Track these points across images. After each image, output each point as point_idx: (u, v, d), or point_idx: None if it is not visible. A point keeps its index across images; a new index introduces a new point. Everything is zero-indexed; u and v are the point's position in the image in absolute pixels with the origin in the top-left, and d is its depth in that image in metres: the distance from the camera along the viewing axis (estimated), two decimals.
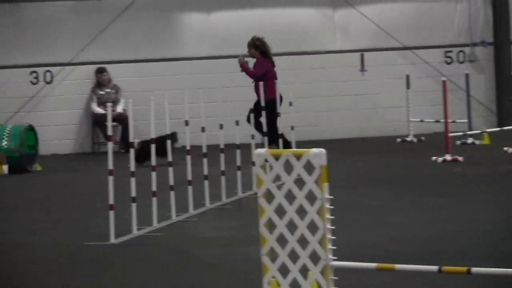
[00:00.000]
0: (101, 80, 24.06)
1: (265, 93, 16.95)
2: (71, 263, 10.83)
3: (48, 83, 23.90)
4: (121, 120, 22.51)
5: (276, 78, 18.12)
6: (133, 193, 11.82)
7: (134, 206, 11.76)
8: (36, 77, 23.92)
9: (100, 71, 24.15)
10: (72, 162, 22.79)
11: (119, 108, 23.43)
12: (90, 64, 24.42)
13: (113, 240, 11.55)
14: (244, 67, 18.67)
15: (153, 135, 12.52)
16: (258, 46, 18.60)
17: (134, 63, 25.21)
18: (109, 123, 11.88)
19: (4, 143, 19.97)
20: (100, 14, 24.59)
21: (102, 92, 23.95)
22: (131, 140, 12.82)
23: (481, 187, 15.45)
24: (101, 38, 24.43)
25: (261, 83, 17.16)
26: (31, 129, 20.84)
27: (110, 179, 11.51)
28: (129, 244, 11.63)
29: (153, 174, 12.43)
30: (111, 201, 11.38)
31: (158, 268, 10.41)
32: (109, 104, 12.72)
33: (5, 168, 19.74)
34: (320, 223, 7.03)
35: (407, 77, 23.58)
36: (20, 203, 16.44)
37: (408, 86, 23.58)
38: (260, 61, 18.66)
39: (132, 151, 12.41)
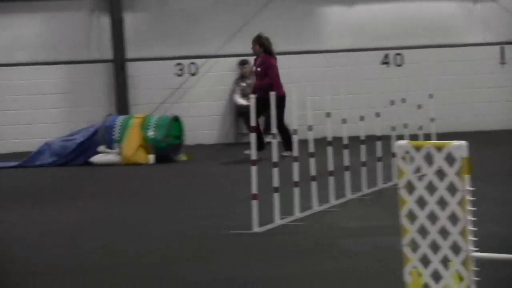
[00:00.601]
0: (243, 72, 24.33)
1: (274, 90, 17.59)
2: (217, 251, 11.07)
3: (192, 75, 24.32)
4: None
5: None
6: (276, 183, 11.87)
7: (276, 196, 11.82)
8: (181, 69, 24.37)
9: (243, 63, 24.42)
10: (216, 152, 23.02)
11: None
12: (234, 56, 24.68)
13: (256, 229, 11.64)
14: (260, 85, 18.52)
15: (295, 127, 12.64)
16: (263, 44, 18.49)
17: (276, 55, 25.13)
18: (252, 114, 12.15)
19: (151, 133, 20.34)
20: (244, 7, 24.86)
21: (244, 84, 24.11)
22: (273, 131, 12.89)
23: None
24: (245, 31, 24.38)
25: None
26: (176, 119, 21.25)
27: (253, 169, 11.61)
28: (271, 233, 11.70)
29: (296, 165, 12.44)
30: (254, 190, 11.44)
31: (301, 257, 10.41)
32: (252, 96, 13.00)
33: (151, 157, 20.15)
34: (461, 215, 6.85)
35: None
36: (164, 192, 16.85)
37: None
38: (268, 60, 18.57)
39: (275, 142, 12.39)
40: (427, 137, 16.34)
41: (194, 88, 24.67)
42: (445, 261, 6.96)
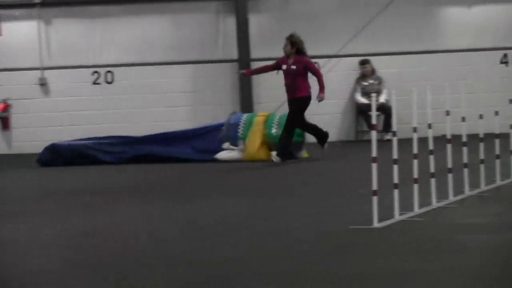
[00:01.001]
0: (364, 71, 24.48)
1: (302, 90, 18.02)
2: (337, 246, 10.79)
3: None
4: (384, 109, 22.93)
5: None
6: (396, 180, 11.67)
7: (396, 192, 11.61)
8: None
9: (363, 63, 24.60)
10: (337, 150, 22.84)
11: (382, 98, 23.60)
12: (355, 56, 24.91)
13: (376, 224, 11.45)
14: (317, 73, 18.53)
15: (415, 125, 12.23)
16: (295, 43, 18.19)
17: (396, 55, 25.48)
18: (373, 113, 11.86)
19: (274, 130, 20.31)
20: (365, 8, 24.95)
21: (365, 83, 24.34)
22: (394, 129, 12.56)
23: None
24: (366, 31, 24.78)
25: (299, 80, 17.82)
26: None
27: (374, 166, 11.46)
28: (391, 228, 11.48)
29: (415, 162, 12.25)
30: (374, 187, 11.32)
31: (421, 252, 10.17)
32: (373, 95, 12.95)
33: (274, 154, 19.97)
34: None
35: None
36: (286, 188, 16.87)
37: None
38: (305, 59, 18.25)
39: (395, 140, 12.09)
40: None
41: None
42: None
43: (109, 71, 24.37)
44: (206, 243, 11.41)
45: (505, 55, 25.14)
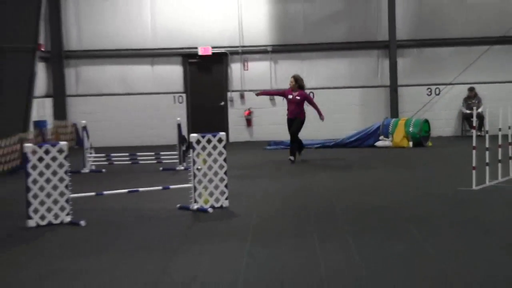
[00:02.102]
0: (470, 94, 27.49)
1: (301, 114, 20.34)
2: (452, 199, 12.93)
3: (437, 94, 28.33)
4: (479, 117, 24.74)
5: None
6: (487, 160, 14.17)
7: (487, 168, 14.14)
8: (430, 90, 28.25)
9: (470, 89, 27.53)
10: (450, 142, 25.74)
11: (479, 110, 25.32)
12: (464, 84, 27.45)
13: (474, 187, 13.81)
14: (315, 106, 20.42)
15: (500, 126, 14.34)
16: (297, 81, 20.41)
17: (493, 83, 27.68)
18: (474, 119, 14.33)
19: (410, 129, 24.15)
20: (469, 51, 27.53)
21: (469, 102, 27.30)
22: (487, 129, 14.37)
23: None
24: (472, 66, 27.51)
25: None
26: (426, 121, 24.70)
27: (473, 152, 13.89)
28: (485, 190, 13.72)
29: (499, 150, 14.69)
30: (474, 164, 13.79)
31: (508, 203, 12.37)
32: (474, 108, 15.23)
33: (410, 143, 23.88)
34: None
35: None
36: (418, 164, 19.39)
37: None
38: (305, 94, 20.60)
39: (487, 136, 14.08)
40: None
41: (438, 103, 28.21)
42: None
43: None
44: (371, 195, 13.93)
45: None
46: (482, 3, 27.99)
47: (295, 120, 20.09)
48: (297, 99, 20.23)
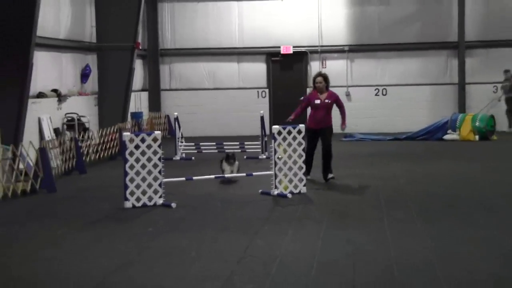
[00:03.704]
0: (507, 76, 26.29)
1: (330, 120, 14.92)
2: None
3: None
4: None
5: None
6: None
7: None
8: (496, 88, 27.27)
9: (505, 72, 26.45)
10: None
11: None
12: None
13: None
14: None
15: None
16: (326, 79, 15.17)
17: None
18: None
19: (477, 123, 23.98)
20: None
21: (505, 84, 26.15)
22: None
23: None
24: None
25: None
26: (492, 117, 24.48)
27: None
28: None
29: None
30: None
31: None
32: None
33: (477, 137, 23.63)
34: None
35: None
36: (487, 156, 19.47)
37: None
38: (335, 94, 15.37)
39: None
40: None
41: (503, 101, 27.02)
42: None
43: (384, 88, 28.05)
44: (439, 185, 14.23)
45: None
46: None
47: (326, 131, 14.70)
48: (327, 103, 14.82)
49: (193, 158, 19.82)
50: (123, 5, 23.04)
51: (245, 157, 19.64)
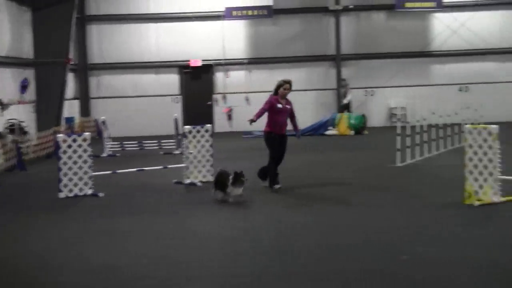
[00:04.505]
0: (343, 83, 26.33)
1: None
2: (380, 176, 12.97)
3: (371, 95, 27.58)
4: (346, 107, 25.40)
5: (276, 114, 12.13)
6: (399, 146, 14.37)
7: (398, 153, 14.20)
8: (366, 92, 27.49)
9: (343, 80, 26.43)
10: (382, 129, 25.18)
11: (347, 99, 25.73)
12: None
13: (398, 164, 14.18)
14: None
15: None
16: (291, 86, 12.44)
17: None
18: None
19: (352, 121, 23.88)
20: None
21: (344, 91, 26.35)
22: None
23: None
24: None
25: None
26: (363, 116, 24.49)
27: (398, 138, 14.36)
28: (407, 167, 14.09)
29: None
30: (398, 146, 14.40)
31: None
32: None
33: (352, 132, 23.96)
34: None
35: None
36: (355, 146, 19.39)
37: None
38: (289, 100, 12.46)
39: None
40: None
41: (372, 102, 27.52)
42: None
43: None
44: (321, 170, 14.87)
45: None
46: (406, 26, 27.91)
47: (286, 137, 12.32)
48: (288, 108, 12.42)
49: (118, 155, 19.45)
50: (57, 26, 22.66)
51: (161, 152, 19.38)
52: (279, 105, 12.27)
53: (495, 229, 8.07)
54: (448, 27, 27.99)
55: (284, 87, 12.23)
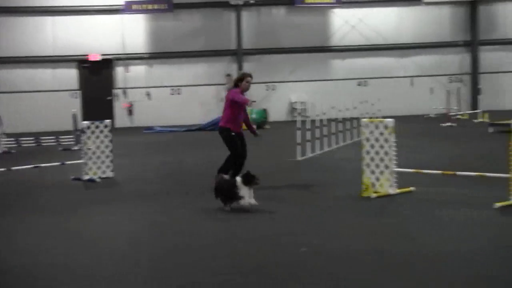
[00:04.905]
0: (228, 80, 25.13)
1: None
2: (281, 169, 13.19)
3: (273, 90, 28.06)
4: None
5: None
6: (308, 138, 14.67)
7: (308, 144, 14.44)
8: (267, 87, 28.01)
9: (228, 75, 25.85)
10: (283, 125, 26.16)
11: None
12: None
13: (299, 158, 14.31)
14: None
15: None
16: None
17: None
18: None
19: (254, 115, 23.94)
20: None
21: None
22: None
23: None
24: None
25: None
26: (264, 110, 25.18)
27: (298, 132, 14.45)
28: (307, 160, 14.36)
29: None
30: (298, 140, 14.40)
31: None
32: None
33: (254, 126, 20.80)
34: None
35: None
36: (257, 140, 17.45)
37: None
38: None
39: None
40: None
41: (273, 96, 28.45)
42: None
43: (179, 88, 27.87)
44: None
45: None
46: (306, 21, 28.42)
47: (242, 136, 11.56)
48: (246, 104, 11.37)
49: (13, 151, 18.96)
50: None
51: (60, 149, 19.06)
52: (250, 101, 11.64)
53: (389, 220, 8.27)
54: (346, 23, 28.85)
55: (246, 80, 11.28)
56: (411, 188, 10.11)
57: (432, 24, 28.88)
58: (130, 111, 28.11)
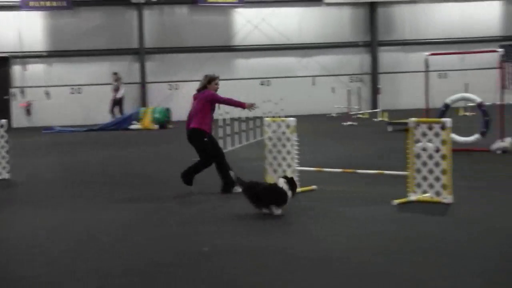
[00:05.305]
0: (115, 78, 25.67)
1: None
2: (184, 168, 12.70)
3: (176, 89, 27.73)
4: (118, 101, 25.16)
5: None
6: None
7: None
8: (170, 86, 27.80)
9: (114, 73, 25.96)
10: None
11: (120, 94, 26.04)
12: None
13: None
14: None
15: None
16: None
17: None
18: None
19: (156, 115, 24.03)
20: None
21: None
22: None
23: None
24: None
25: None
26: (167, 109, 24.50)
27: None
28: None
29: None
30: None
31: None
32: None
33: (156, 126, 23.86)
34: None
35: None
36: (163, 141, 19.46)
37: None
38: None
39: None
40: None
41: (177, 96, 28.31)
42: None
43: (79, 88, 27.47)
44: (130, 165, 15.67)
45: None
46: (209, 20, 28.51)
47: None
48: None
49: None
50: None
51: None
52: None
53: (292, 219, 8.35)
54: (249, 22, 29.01)
55: (215, 81, 10.76)
56: (313, 187, 10.20)
57: (333, 25, 29.32)
58: (28, 111, 27.43)
